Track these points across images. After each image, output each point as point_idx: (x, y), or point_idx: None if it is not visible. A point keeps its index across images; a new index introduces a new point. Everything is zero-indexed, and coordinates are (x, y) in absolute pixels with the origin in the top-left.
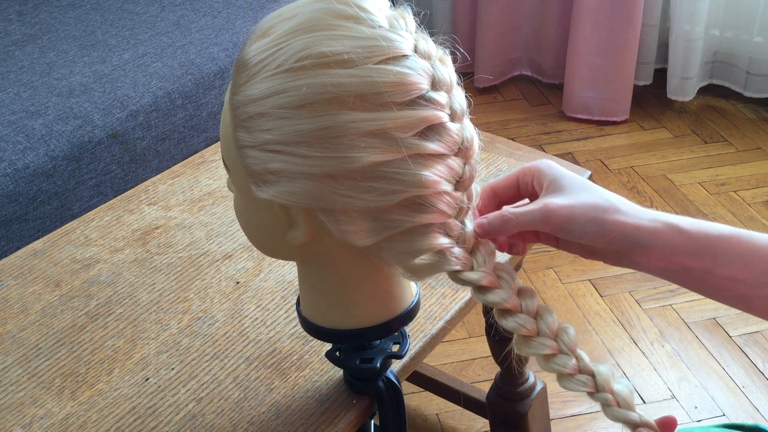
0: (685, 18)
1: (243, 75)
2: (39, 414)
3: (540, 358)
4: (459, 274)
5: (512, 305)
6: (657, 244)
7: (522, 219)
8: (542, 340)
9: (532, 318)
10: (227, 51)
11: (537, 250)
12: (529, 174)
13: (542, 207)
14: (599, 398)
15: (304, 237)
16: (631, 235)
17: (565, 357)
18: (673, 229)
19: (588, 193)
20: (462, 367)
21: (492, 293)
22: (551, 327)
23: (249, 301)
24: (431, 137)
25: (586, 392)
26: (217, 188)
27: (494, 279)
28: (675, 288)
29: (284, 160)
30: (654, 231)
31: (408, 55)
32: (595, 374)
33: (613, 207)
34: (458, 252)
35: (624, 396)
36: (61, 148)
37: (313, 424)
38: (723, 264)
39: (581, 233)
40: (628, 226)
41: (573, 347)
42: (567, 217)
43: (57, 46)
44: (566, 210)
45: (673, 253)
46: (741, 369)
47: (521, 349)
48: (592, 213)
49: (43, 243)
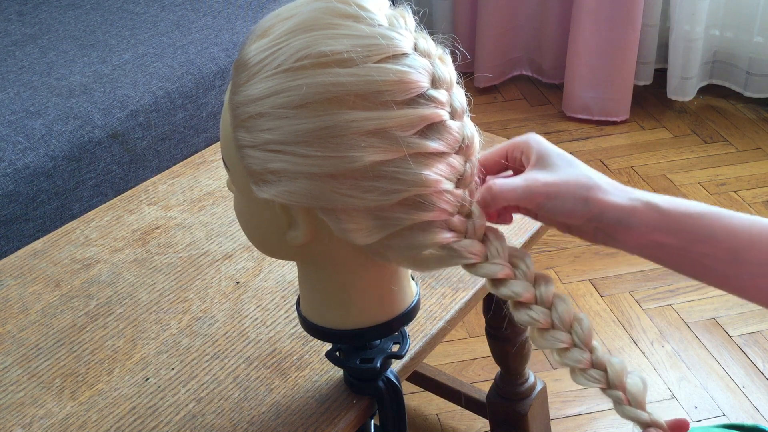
0: (685, 18)
1: (243, 75)
2: (39, 414)
3: (554, 351)
4: (476, 267)
5: (526, 298)
6: (635, 222)
7: (506, 193)
8: (556, 334)
9: (546, 309)
10: (227, 51)
11: (537, 250)
12: (518, 148)
13: (525, 183)
14: (610, 395)
15: (305, 237)
16: (611, 213)
17: (579, 351)
18: (651, 208)
19: (572, 170)
20: (462, 367)
21: (506, 286)
22: (564, 319)
23: (249, 301)
24: (431, 136)
25: (597, 387)
26: (217, 188)
27: (510, 270)
28: (675, 288)
29: (284, 160)
30: (632, 209)
31: (408, 54)
32: (608, 369)
33: (596, 185)
34: (469, 244)
35: (635, 393)
36: (61, 148)
37: (313, 424)
38: (699, 241)
39: (562, 211)
40: (609, 205)
41: (587, 339)
42: (549, 194)
43: (57, 46)
44: (549, 187)
45: (651, 231)
46: (741, 369)
47: (536, 342)
48: (575, 191)
49: (43, 243)
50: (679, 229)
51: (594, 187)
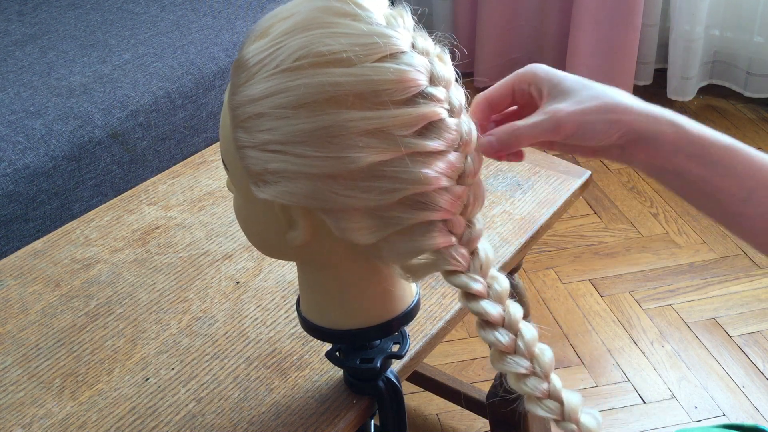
0: (685, 18)
1: (242, 75)
2: (39, 414)
3: (511, 375)
4: (452, 275)
5: (494, 319)
6: (660, 141)
7: (532, 131)
8: (517, 359)
9: (511, 334)
10: (227, 51)
11: (537, 250)
12: (524, 81)
13: (552, 116)
14: (564, 427)
15: (304, 237)
16: (637, 130)
17: (537, 380)
18: (678, 129)
19: (591, 92)
20: (462, 367)
21: (477, 303)
22: (529, 347)
23: (249, 301)
24: (430, 134)
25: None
26: (217, 188)
27: (484, 288)
28: (675, 288)
29: (284, 160)
30: (658, 128)
31: (406, 52)
32: (564, 402)
33: (620, 105)
34: (458, 252)
35: (589, 428)
36: (61, 148)
37: (313, 424)
38: (719, 174)
39: (592, 136)
40: (636, 124)
41: (547, 371)
42: (578, 123)
43: (57, 46)
44: (577, 116)
45: (674, 153)
46: (741, 369)
47: (494, 364)
48: (602, 116)
49: (43, 243)
50: (701, 157)
51: (619, 107)
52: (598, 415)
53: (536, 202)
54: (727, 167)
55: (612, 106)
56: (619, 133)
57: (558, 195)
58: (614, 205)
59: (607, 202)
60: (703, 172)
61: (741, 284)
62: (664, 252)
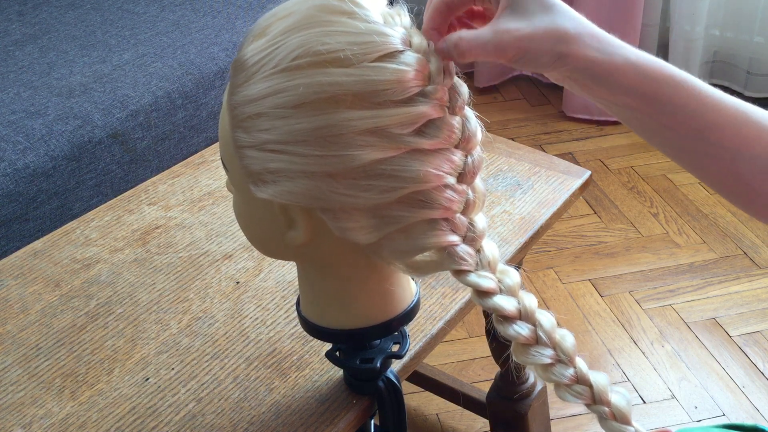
0: (685, 18)
1: (241, 75)
2: (39, 414)
3: (538, 367)
4: (462, 275)
5: (510, 313)
6: (610, 81)
7: (475, 49)
8: (540, 349)
9: (530, 326)
10: (227, 51)
11: (537, 250)
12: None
13: (495, 37)
14: (595, 410)
15: (304, 237)
16: (587, 69)
17: (563, 366)
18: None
19: (547, 17)
20: (462, 367)
21: (491, 299)
22: (550, 335)
23: (249, 301)
24: (429, 132)
25: (582, 403)
26: (217, 188)
27: (496, 284)
28: (675, 288)
29: (283, 160)
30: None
31: (403, 51)
32: (593, 384)
33: (573, 37)
34: (464, 250)
35: (620, 408)
36: (61, 148)
37: (313, 424)
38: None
39: (536, 65)
40: (586, 60)
41: (572, 356)
42: (523, 50)
43: (57, 46)
44: (521, 42)
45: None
46: (741, 369)
47: (519, 357)
48: (550, 46)
49: (43, 243)
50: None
51: (571, 40)
52: (626, 393)
53: (536, 202)
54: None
55: (564, 37)
56: (567, 67)
57: (558, 195)
58: (614, 205)
59: (607, 202)
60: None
61: (741, 284)
62: (664, 252)
